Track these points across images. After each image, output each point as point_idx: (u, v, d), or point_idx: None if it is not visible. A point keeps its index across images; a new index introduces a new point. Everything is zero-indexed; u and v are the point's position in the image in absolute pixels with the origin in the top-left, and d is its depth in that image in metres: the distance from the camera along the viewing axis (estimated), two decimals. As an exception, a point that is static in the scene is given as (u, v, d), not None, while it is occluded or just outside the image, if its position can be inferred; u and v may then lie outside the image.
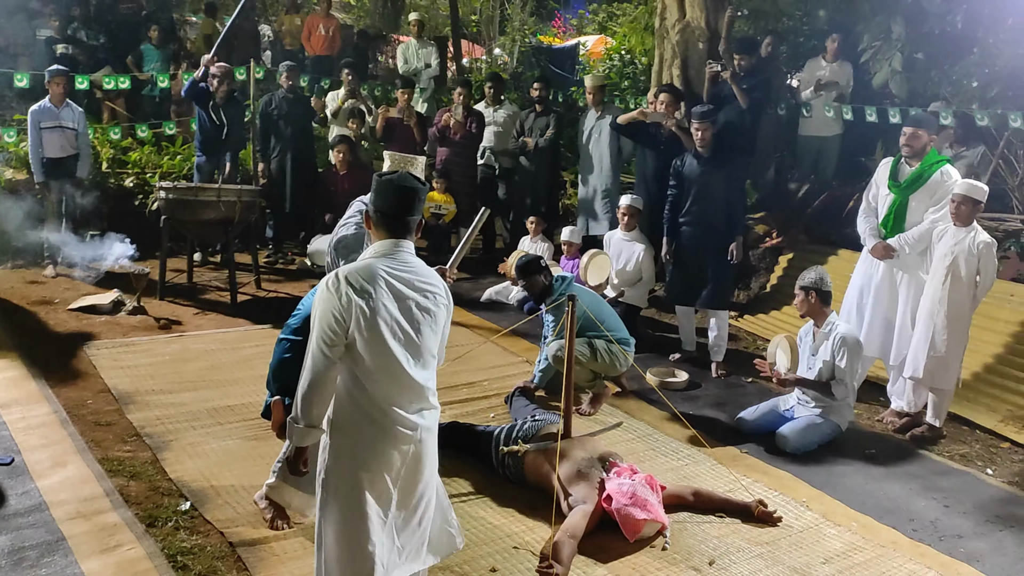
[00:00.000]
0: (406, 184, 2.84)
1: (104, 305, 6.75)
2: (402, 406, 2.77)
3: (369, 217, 2.86)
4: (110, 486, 4.10)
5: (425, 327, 2.81)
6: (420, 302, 2.79)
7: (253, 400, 5.26)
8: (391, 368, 2.74)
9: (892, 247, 5.63)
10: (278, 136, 8.80)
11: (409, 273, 2.78)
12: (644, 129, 7.53)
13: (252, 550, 3.68)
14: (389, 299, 2.72)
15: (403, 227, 2.84)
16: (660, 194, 7.27)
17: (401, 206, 2.82)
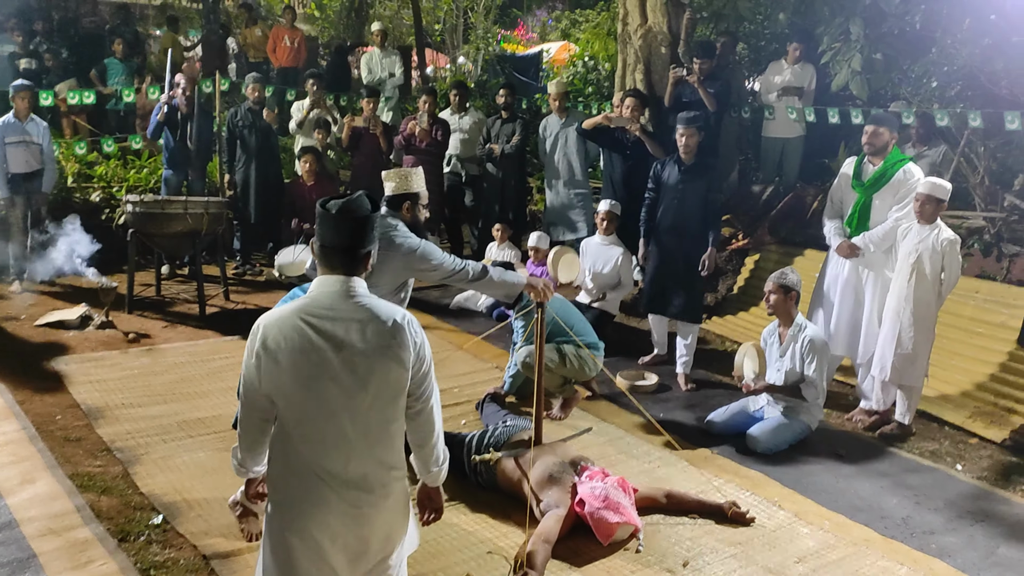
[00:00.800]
0: (353, 213, 2.48)
1: (72, 320, 6.67)
2: (336, 468, 2.44)
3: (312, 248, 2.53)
4: (81, 502, 4.05)
5: (364, 382, 2.42)
6: (356, 354, 2.41)
7: (224, 412, 5.22)
8: (317, 426, 2.43)
9: (857, 246, 5.72)
10: (244, 148, 8.76)
11: (348, 319, 2.42)
12: (609, 134, 7.60)
13: (225, 563, 3.65)
14: (313, 351, 2.39)
15: (349, 261, 2.48)
16: (627, 198, 7.33)
17: (346, 238, 2.47)
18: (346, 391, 2.41)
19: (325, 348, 2.39)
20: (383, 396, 2.46)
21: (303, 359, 2.39)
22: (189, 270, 8.54)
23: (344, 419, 2.43)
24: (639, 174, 7.21)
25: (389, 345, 2.43)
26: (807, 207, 7.84)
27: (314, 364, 2.39)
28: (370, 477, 2.47)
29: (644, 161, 7.40)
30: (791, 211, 7.93)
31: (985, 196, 7.14)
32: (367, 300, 2.48)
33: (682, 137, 6.29)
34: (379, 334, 2.43)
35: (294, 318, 2.42)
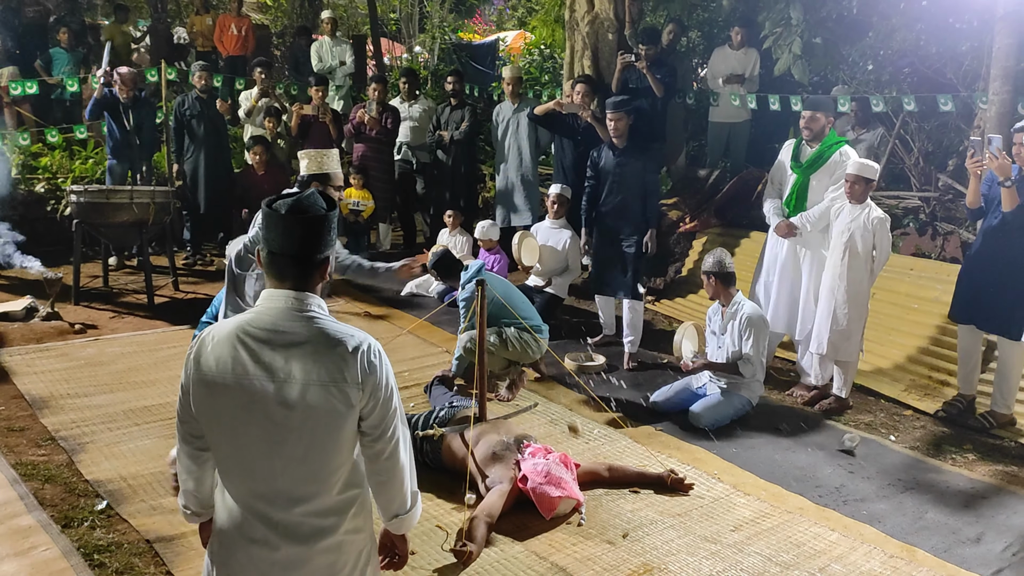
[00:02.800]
0: (306, 213, 2.12)
1: (17, 312, 6.59)
2: (269, 508, 2.13)
3: (259, 256, 2.16)
4: (24, 490, 4.04)
5: (301, 419, 2.08)
6: (293, 386, 2.08)
7: (170, 400, 5.21)
8: (244, 464, 2.13)
9: (795, 225, 5.86)
10: (192, 137, 8.70)
11: (292, 344, 2.10)
12: (561, 120, 7.68)
13: (170, 545, 3.68)
14: (246, 377, 2.07)
15: (301, 272, 2.15)
16: (579, 183, 7.42)
17: (297, 243, 2.13)
18: (278, 427, 2.08)
19: (259, 376, 2.07)
20: (320, 435, 2.10)
21: (234, 387, 2.07)
22: (138, 261, 8.46)
23: (275, 459, 2.10)
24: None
25: (334, 379, 2.09)
26: (752, 190, 7.98)
27: (245, 393, 2.07)
28: (303, 527, 2.13)
29: (595, 147, 7.51)
30: (737, 194, 8.08)
31: (920, 177, 7.35)
32: (320, 321, 2.14)
33: (611, 122, 6.40)
34: (324, 363, 2.09)
35: (232, 337, 2.10)
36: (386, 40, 15.45)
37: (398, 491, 2.29)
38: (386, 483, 2.27)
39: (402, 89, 9.43)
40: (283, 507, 2.12)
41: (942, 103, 6.92)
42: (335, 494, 2.16)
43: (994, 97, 6.14)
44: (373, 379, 2.13)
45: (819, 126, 5.79)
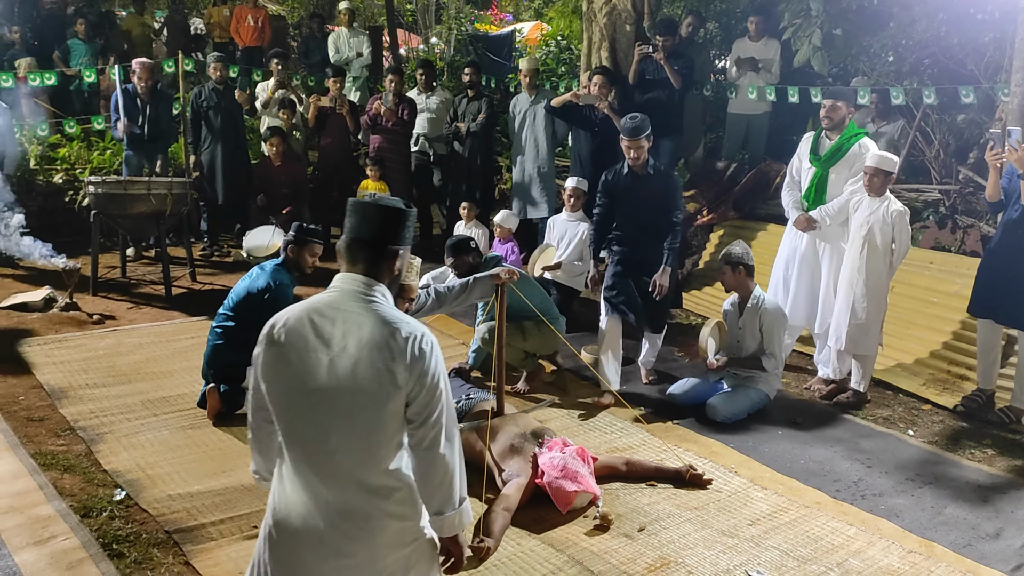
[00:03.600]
0: (387, 203, 2.34)
1: (36, 302, 6.64)
2: (316, 486, 2.23)
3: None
4: (44, 479, 4.07)
5: (356, 389, 2.18)
6: (346, 359, 2.19)
7: (188, 391, 5.25)
8: (300, 434, 2.24)
9: (814, 219, 5.82)
10: (209, 128, 8.72)
11: (351, 321, 2.22)
12: (578, 111, 7.64)
13: (188, 535, 3.70)
14: (306, 349, 2.21)
15: (372, 258, 2.28)
16: (595, 175, 7.37)
17: (374, 230, 2.29)
18: (329, 397, 2.19)
19: (317, 346, 2.20)
20: (367, 410, 2.19)
21: (293, 354, 2.21)
22: (155, 252, 8.51)
23: (325, 428, 2.20)
24: (607, 151, 7.27)
25: (384, 357, 2.18)
26: (771, 182, 7.93)
27: (302, 361, 2.20)
28: (351, 503, 2.21)
29: (612, 138, 7.46)
30: (755, 187, 8.02)
31: (940, 169, 7.27)
32: (380, 306, 2.25)
33: (629, 150, 5.63)
34: (377, 343, 2.19)
35: (302, 311, 2.25)
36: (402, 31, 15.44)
37: (439, 486, 2.30)
38: (427, 475, 2.29)
39: (419, 80, 9.41)
40: (331, 485, 2.21)
41: (963, 95, 6.84)
42: (380, 473, 2.23)
43: (1016, 89, 6.06)
44: (421, 365, 2.20)
45: (840, 115, 5.74)
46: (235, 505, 3.99)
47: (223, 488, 4.14)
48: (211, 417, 4.84)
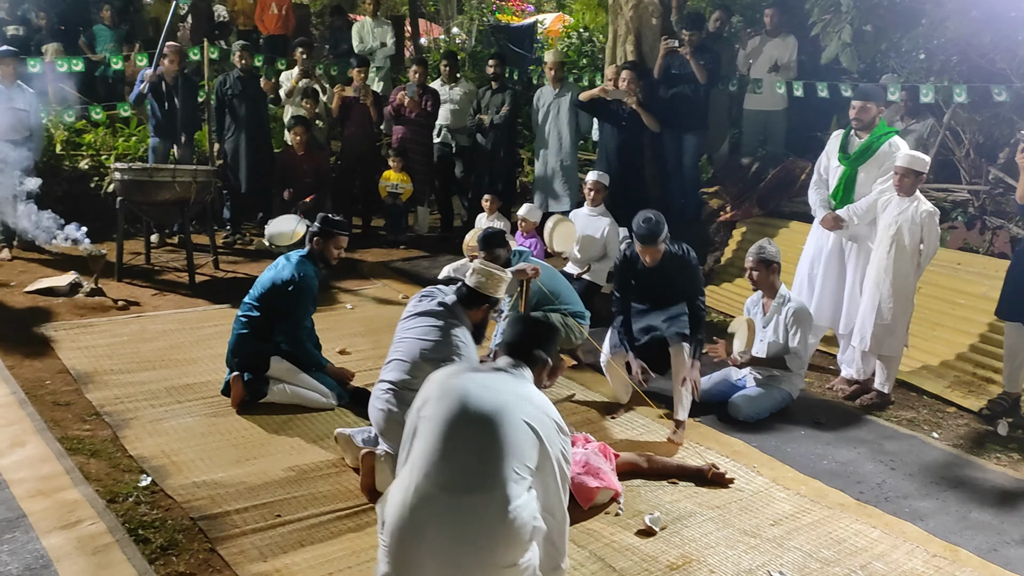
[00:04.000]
0: (536, 322, 3.06)
1: (61, 287, 6.69)
2: (445, 496, 2.69)
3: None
4: (70, 464, 4.10)
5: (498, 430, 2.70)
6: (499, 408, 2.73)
7: (212, 379, 5.28)
8: (437, 449, 2.74)
9: (841, 218, 5.77)
10: (233, 116, 8.75)
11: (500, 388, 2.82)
12: (605, 106, 7.61)
13: (213, 523, 3.72)
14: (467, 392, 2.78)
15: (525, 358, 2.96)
16: (621, 170, 7.38)
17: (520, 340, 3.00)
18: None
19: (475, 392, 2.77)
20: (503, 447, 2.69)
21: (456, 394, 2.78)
22: (179, 239, 8.55)
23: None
24: (634, 146, 7.27)
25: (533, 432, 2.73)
26: (796, 180, 7.88)
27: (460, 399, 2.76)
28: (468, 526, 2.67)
29: (639, 133, 7.44)
30: (780, 184, 7.97)
31: (970, 169, 7.20)
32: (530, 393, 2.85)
33: (644, 255, 5.01)
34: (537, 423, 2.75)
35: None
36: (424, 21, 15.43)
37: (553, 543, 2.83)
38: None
39: (443, 71, 9.40)
40: (453, 494, 2.63)
41: (996, 93, 6.75)
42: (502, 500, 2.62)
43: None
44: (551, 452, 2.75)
45: (870, 116, 5.68)
46: (258, 494, 4.00)
47: (246, 476, 4.16)
48: (235, 405, 4.87)
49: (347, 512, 3.91)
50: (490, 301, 4.29)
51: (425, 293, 4.44)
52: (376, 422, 4.25)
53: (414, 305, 4.39)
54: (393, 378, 4.20)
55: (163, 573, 3.36)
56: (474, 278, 4.26)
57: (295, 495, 4.02)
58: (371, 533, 3.74)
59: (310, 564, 3.48)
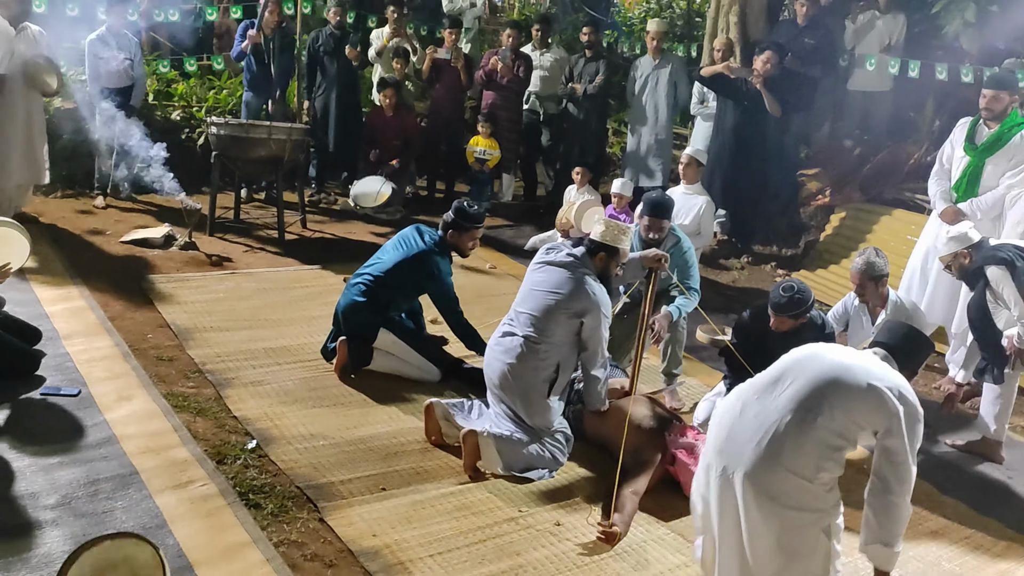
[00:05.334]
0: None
1: (156, 239, 6.73)
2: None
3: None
4: (177, 422, 4.11)
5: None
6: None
7: (308, 341, 5.26)
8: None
9: (963, 212, 5.49)
10: (324, 74, 8.68)
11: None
12: (728, 82, 7.35)
13: (320, 492, 3.70)
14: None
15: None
16: (735, 148, 7.12)
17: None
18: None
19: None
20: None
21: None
22: (266, 195, 8.57)
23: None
24: (754, 125, 7.01)
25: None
26: (902, 166, 7.55)
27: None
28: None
29: (759, 112, 7.18)
30: (884, 169, 7.65)
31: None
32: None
33: (775, 322, 4.42)
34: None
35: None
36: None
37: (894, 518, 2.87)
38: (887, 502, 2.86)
39: (534, 36, 9.20)
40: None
41: None
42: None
43: None
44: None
45: (1001, 106, 5.38)
46: (360, 465, 3.97)
47: (348, 446, 4.13)
48: (337, 370, 4.84)
49: (452, 490, 3.86)
50: (614, 252, 4.18)
51: (551, 246, 4.36)
52: (493, 376, 4.20)
53: (542, 256, 4.31)
54: (523, 332, 4.12)
55: (276, 540, 3.34)
56: (599, 229, 4.18)
57: (398, 468, 3.98)
58: (477, 514, 3.69)
59: (419, 542, 3.44)
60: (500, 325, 4.35)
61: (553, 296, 4.12)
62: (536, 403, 4.11)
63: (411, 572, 3.25)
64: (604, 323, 4.14)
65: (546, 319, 4.10)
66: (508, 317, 4.31)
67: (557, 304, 4.09)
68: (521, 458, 4.01)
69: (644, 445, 4.06)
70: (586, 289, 4.08)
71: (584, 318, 4.07)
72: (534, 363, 4.10)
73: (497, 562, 3.38)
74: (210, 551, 3.23)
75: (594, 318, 4.07)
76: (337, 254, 7.07)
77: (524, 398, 4.11)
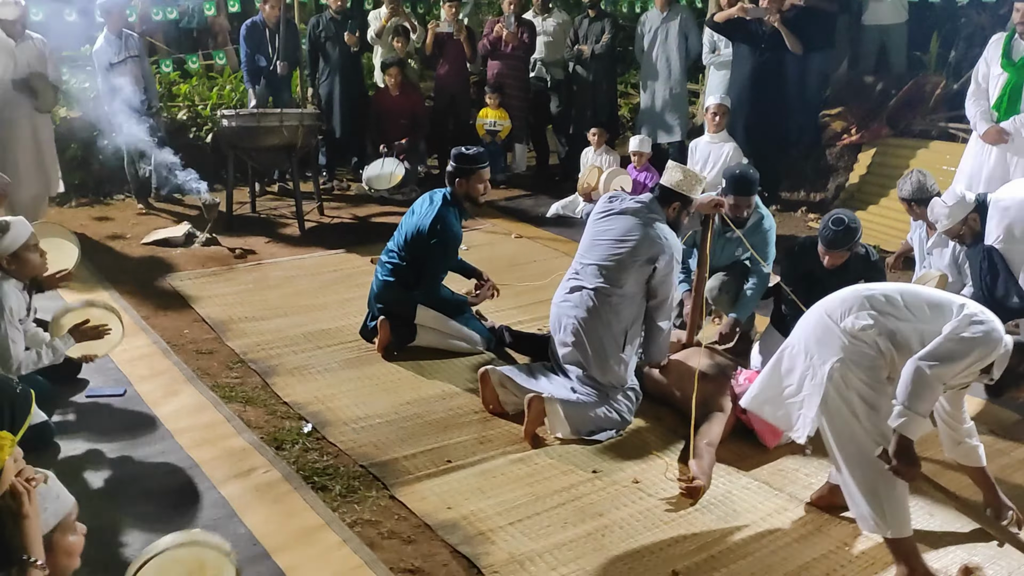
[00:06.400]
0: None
1: (177, 238, 6.60)
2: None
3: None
4: (228, 412, 3.99)
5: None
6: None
7: (344, 324, 5.13)
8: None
9: (1006, 131, 5.33)
10: (326, 59, 8.50)
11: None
12: (743, 26, 7.11)
13: (385, 469, 3.57)
14: None
15: None
16: (754, 96, 6.91)
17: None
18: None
19: None
20: None
21: None
22: (279, 187, 8.42)
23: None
24: (771, 69, 6.81)
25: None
26: (929, 96, 7.36)
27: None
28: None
29: (778, 55, 6.97)
30: (911, 100, 7.44)
31: None
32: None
33: (825, 257, 4.20)
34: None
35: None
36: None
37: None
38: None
39: (534, 2, 8.99)
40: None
41: None
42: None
43: None
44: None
45: (1038, 19, 5.19)
46: (420, 440, 3.84)
47: (405, 422, 4.00)
48: (380, 350, 4.71)
49: (520, 456, 3.73)
50: (688, 202, 4.04)
51: (612, 195, 4.20)
52: (564, 333, 4.06)
53: (604, 206, 4.14)
54: (593, 284, 3.98)
55: (349, 520, 3.22)
56: (669, 175, 4.03)
57: (460, 440, 3.86)
58: (549, 479, 3.56)
59: (496, 511, 3.32)
60: (564, 280, 4.20)
61: (623, 244, 3.97)
62: (612, 357, 3.96)
63: (493, 541, 3.13)
64: (676, 269, 4.02)
65: (617, 268, 3.95)
66: (572, 271, 4.17)
67: (628, 252, 3.94)
68: (588, 421, 3.88)
69: (712, 395, 3.92)
70: (658, 233, 3.93)
71: (656, 263, 3.91)
72: (607, 316, 3.95)
73: (580, 524, 3.25)
74: (285, 536, 3.11)
75: (667, 264, 3.92)
76: (360, 237, 6.92)
77: (599, 353, 3.96)
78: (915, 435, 2.77)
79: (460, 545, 3.09)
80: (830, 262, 4.22)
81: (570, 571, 2.97)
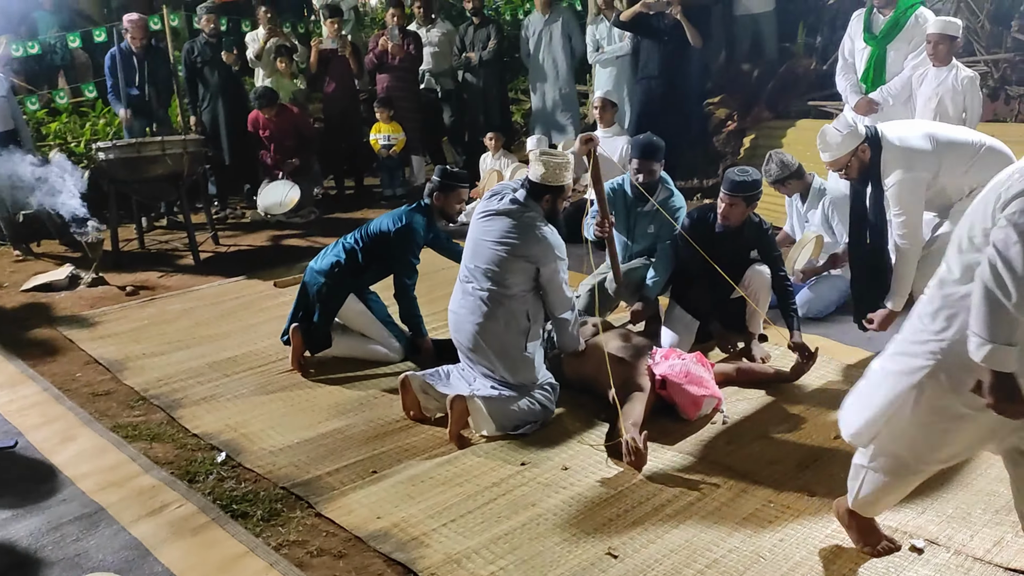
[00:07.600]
0: None
1: (60, 281, 6.26)
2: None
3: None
4: (133, 451, 3.77)
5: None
6: None
7: (251, 350, 4.96)
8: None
9: (875, 101, 5.56)
10: (206, 85, 8.29)
11: None
12: (646, 22, 7.25)
13: (308, 488, 3.43)
14: None
15: None
16: (663, 90, 7.07)
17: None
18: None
19: None
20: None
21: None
22: (168, 221, 8.11)
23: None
24: (678, 58, 6.96)
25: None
26: (802, 79, 7.66)
27: None
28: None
29: (682, 47, 7.14)
30: (787, 83, 7.74)
31: (987, 39, 7.00)
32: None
33: (730, 214, 4.37)
34: None
35: None
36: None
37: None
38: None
39: (416, 14, 8.96)
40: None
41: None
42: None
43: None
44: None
45: (889, -10, 5.45)
46: (343, 454, 3.72)
47: (324, 439, 3.87)
48: (293, 361, 4.58)
49: (447, 459, 3.65)
50: (559, 191, 3.96)
51: (494, 192, 4.10)
52: (464, 339, 3.98)
53: (484, 205, 4.05)
54: (483, 287, 3.91)
55: (274, 544, 3.07)
56: (539, 170, 3.92)
57: (384, 449, 3.75)
58: (478, 477, 3.49)
59: (427, 515, 3.22)
60: (457, 284, 4.14)
61: (503, 246, 3.89)
62: (516, 358, 3.91)
63: (428, 545, 3.03)
64: (561, 266, 3.95)
65: (502, 271, 3.89)
66: (463, 273, 4.10)
67: (509, 253, 3.88)
68: (512, 415, 3.82)
69: (631, 376, 3.93)
70: (536, 235, 3.86)
71: (539, 264, 3.88)
72: (503, 317, 3.89)
73: (514, 516, 3.19)
74: (206, 568, 2.94)
75: (549, 262, 3.87)
76: (261, 263, 6.74)
77: (502, 356, 3.90)
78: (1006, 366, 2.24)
79: (394, 553, 2.99)
80: (726, 210, 4.32)
81: (508, 563, 2.91)
